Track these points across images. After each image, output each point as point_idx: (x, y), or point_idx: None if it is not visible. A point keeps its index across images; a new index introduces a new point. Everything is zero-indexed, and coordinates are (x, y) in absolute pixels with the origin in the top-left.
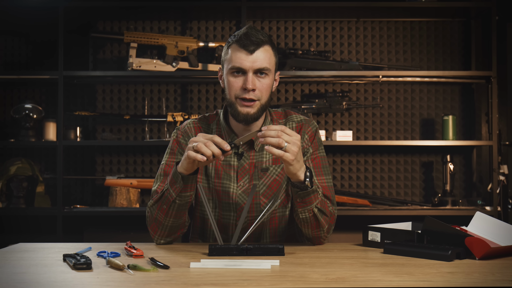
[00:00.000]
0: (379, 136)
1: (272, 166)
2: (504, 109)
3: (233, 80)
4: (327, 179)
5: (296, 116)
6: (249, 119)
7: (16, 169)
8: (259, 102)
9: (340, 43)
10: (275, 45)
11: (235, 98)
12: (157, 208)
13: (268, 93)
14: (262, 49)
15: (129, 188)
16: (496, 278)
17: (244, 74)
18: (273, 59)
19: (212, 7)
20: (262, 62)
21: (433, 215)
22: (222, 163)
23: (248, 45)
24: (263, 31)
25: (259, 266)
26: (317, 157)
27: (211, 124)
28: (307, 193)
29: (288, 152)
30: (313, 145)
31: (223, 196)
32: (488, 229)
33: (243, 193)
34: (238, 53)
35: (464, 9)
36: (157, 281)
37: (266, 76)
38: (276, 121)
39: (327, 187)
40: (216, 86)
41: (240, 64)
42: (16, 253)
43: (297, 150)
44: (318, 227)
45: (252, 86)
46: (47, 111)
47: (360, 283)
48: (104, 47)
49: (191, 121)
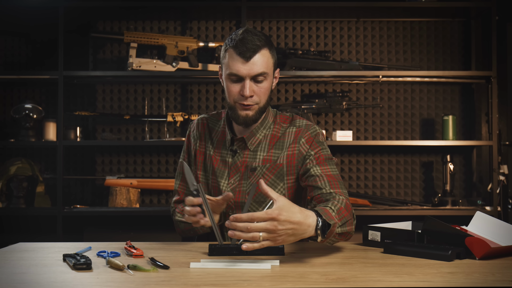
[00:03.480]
0: (379, 136)
1: (259, 166)
2: (504, 109)
3: (231, 85)
4: (331, 168)
5: (300, 121)
6: (248, 121)
7: (16, 169)
8: (257, 105)
9: (340, 43)
10: (273, 44)
11: (234, 102)
12: (185, 229)
13: (267, 95)
14: (258, 54)
15: (129, 188)
16: (496, 278)
17: (241, 80)
18: (271, 61)
19: (212, 7)
20: (259, 68)
21: (433, 215)
22: (219, 159)
23: (244, 52)
24: (260, 32)
25: (259, 266)
26: (320, 156)
27: (220, 121)
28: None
29: (268, 240)
30: (312, 147)
31: (215, 192)
32: (488, 229)
33: (232, 191)
34: (234, 60)
35: (464, 9)
36: (157, 282)
37: (264, 80)
38: (280, 125)
39: (332, 175)
40: (216, 86)
41: (237, 72)
42: (16, 253)
43: (277, 230)
44: (348, 236)
45: (249, 93)
46: (47, 111)
47: (360, 283)
48: (104, 47)
49: (200, 118)
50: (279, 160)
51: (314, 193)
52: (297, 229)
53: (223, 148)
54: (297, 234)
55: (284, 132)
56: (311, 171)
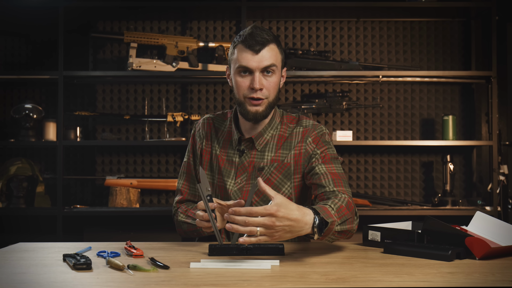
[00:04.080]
0: (379, 136)
1: (267, 165)
2: (504, 109)
3: (241, 80)
4: (336, 167)
5: (306, 121)
6: (258, 117)
7: (16, 169)
8: (267, 100)
9: (340, 43)
10: (280, 42)
11: (244, 97)
12: (176, 224)
13: (276, 90)
14: (267, 48)
15: (129, 188)
16: (496, 278)
17: (251, 73)
18: (279, 56)
19: (212, 7)
20: (268, 60)
21: (433, 215)
22: (225, 159)
23: (253, 45)
24: (268, 29)
25: (259, 266)
26: (326, 155)
27: (226, 121)
28: (322, 230)
29: (265, 235)
30: (318, 146)
31: (221, 192)
32: (488, 229)
33: (239, 190)
34: (244, 53)
35: (464, 9)
36: (157, 282)
37: (273, 74)
38: (286, 125)
39: (336, 173)
40: (216, 86)
41: (246, 64)
42: (16, 253)
43: (274, 225)
44: (348, 234)
45: (259, 85)
46: (47, 111)
47: (360, 283)
48: (104, 47)
49: (206, 117)
50: (287, 159)
51: (318, 191)
52: (294, 226)
53: (229, 148)
54: (294, 231)
55: (291, 132)
56: (316, 169)
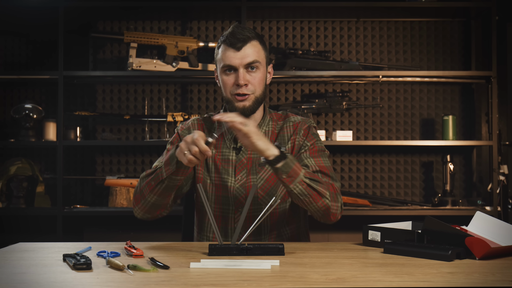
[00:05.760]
0: (379, 136)
1: None
2: (504, 109)
3: (226, 78)
4: (324, 160)
5: (294, 117)
6: (246, 112)
7: (16, 169)
8: (253, 95)
9: (340, 43)
10: (263, 39)
11: (231, 94)
12: (145, 182)
13: (262, 86)
14: (249, 44)
15: (129, 188)
16: (496, 278)
17: (235, 71)
18: (262, 53)
19: (212, 7)
20: (250, 56)
21: (433, 215)
22: (221, 158)
23: (235, 43)
24: (250, 28)
25: (259, 266)
26: (314, 147)
27: (214, 123)
28: (287, 164)
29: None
30: (308, 138)
31: (222, 190)
32: (488, 229)
33: (241, 186)
34: (227, 52)
35: (464, 9)
36: (157, 282)
37: (257, 70)
38: (275, 121)
39: (324, 166)
40: (216, 86)
41: (230, 62)
42: (16, 253)
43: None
44: (319, 196)
45: (244, 81)
46: (47, 111)
47: (360, 283)
48: (104, 47)
49: (195, 119)
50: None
51: None
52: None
53: (223, 147)
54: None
55: (282, 127)
56: (305, 162)
